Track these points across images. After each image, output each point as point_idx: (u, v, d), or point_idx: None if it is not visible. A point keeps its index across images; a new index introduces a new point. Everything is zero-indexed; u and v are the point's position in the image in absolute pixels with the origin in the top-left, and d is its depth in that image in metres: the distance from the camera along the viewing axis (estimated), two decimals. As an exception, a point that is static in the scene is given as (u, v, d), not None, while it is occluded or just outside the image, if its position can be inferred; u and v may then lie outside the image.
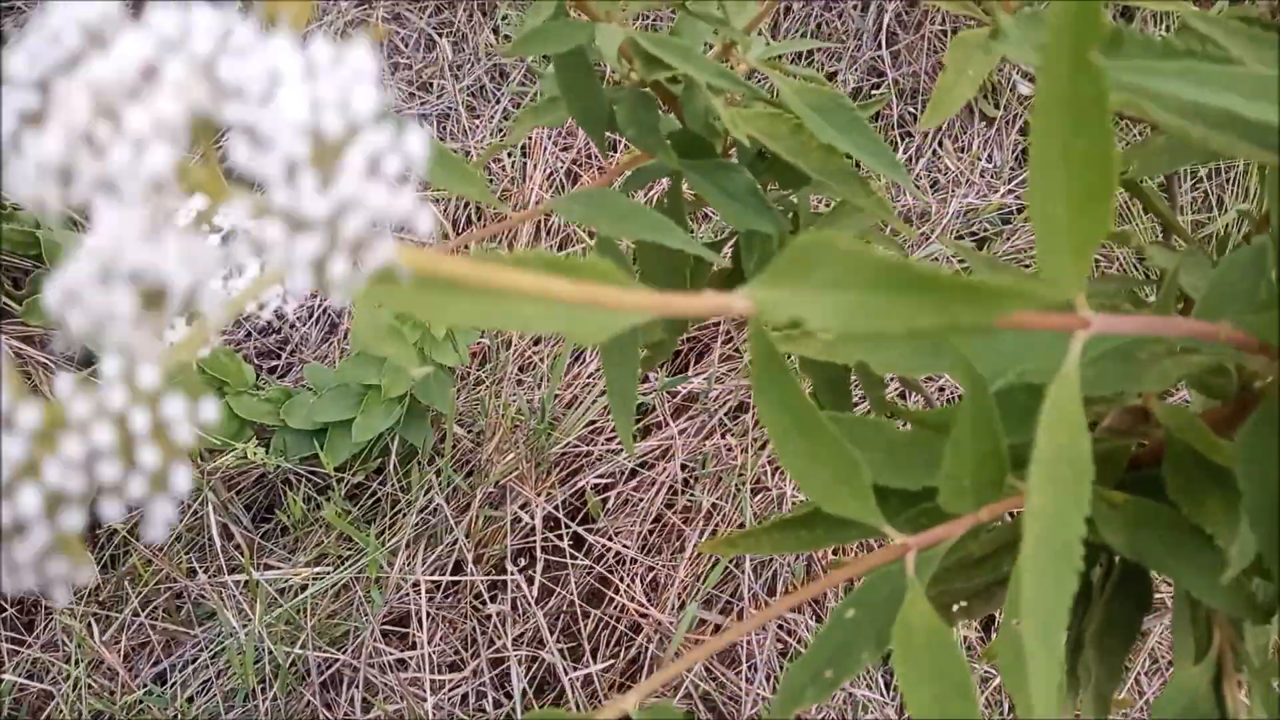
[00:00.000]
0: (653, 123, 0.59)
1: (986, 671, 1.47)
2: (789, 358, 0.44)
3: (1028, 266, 1.74)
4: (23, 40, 0.16)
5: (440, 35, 1.99)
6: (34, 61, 0.16)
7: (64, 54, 0.16)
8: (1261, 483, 0.32)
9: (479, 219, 1.84)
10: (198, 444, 1.54)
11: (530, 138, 1.86)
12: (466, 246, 1.76)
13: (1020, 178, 1.83)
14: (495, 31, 2.00)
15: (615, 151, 1.76)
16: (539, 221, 1.81)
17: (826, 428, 0.38)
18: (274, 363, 1.77)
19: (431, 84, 1.95)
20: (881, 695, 1.47)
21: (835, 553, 1.54)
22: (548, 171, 1.81)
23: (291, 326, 1.83)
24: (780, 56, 0.65)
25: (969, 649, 1.51)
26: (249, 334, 1.79)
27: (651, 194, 1.66)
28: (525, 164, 1.85)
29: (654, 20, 1.82)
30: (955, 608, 0.63)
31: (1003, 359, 0.36)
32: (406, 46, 2.00)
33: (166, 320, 0.16)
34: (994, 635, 1.26)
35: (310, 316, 1.83)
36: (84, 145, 0.15)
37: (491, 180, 1.86)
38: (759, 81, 0.62)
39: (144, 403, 0.16)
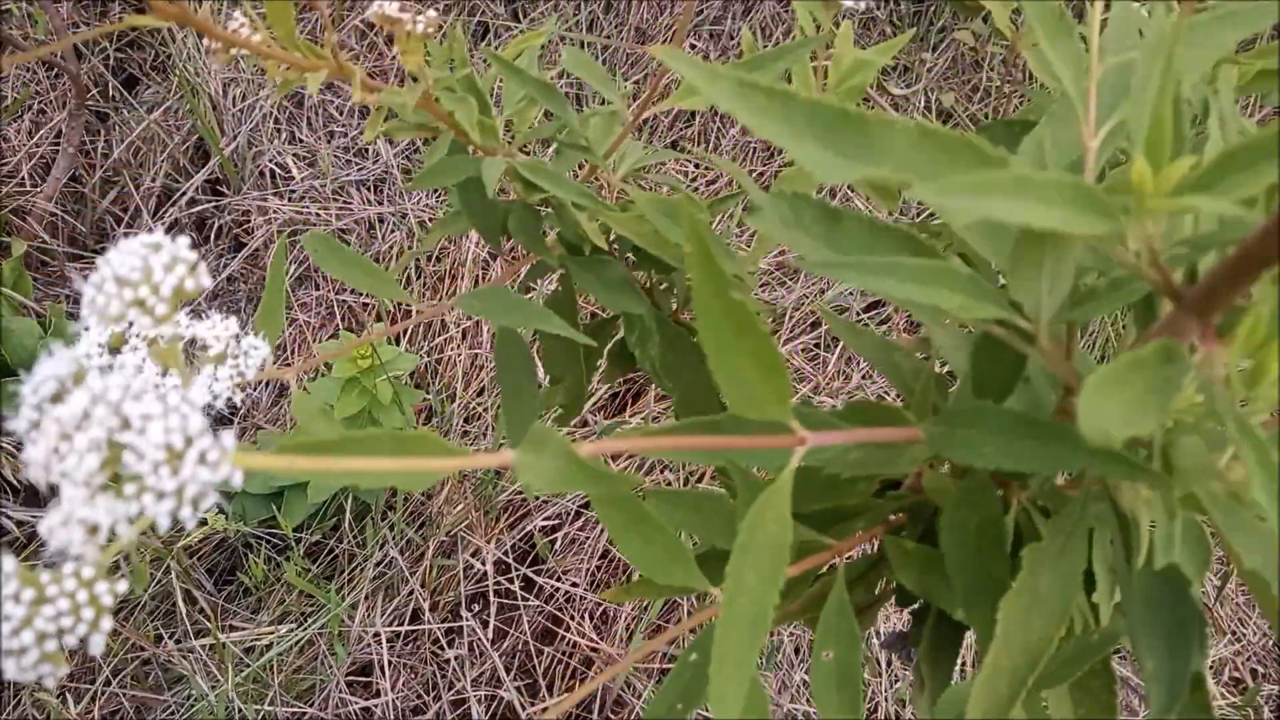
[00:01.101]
0: (536, 230, 0.69)
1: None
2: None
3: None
4: (29, 378, 0.27)
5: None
6: (35, 391, 0.28)
7: (50, 391, 0.27)
8: (959, 541, 0.42)
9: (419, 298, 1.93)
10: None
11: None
12: (397, 337, 1.85)
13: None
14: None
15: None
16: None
17: (654, 520, 0.47)
18: (226, 428, 1.84)
19: (367, 150, 2.04)
20: (821, 709, 1.57)
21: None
22: (477, 238, 1.90)
23: (240, 389, 1.91)
24: (647, 168, 0.75)
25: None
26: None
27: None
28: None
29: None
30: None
31: (779, 456, 0.45)
32: (341, 115, 2.09)
33: (100, 539, 0.26)
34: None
35: (260, 381, 1.91)
36: (54, 454, 0.25)
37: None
38: (642, 181, 0.72)
39: (85, 586, 0.26)
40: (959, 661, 0.64)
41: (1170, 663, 0.39)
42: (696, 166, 1.99)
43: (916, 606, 0.68)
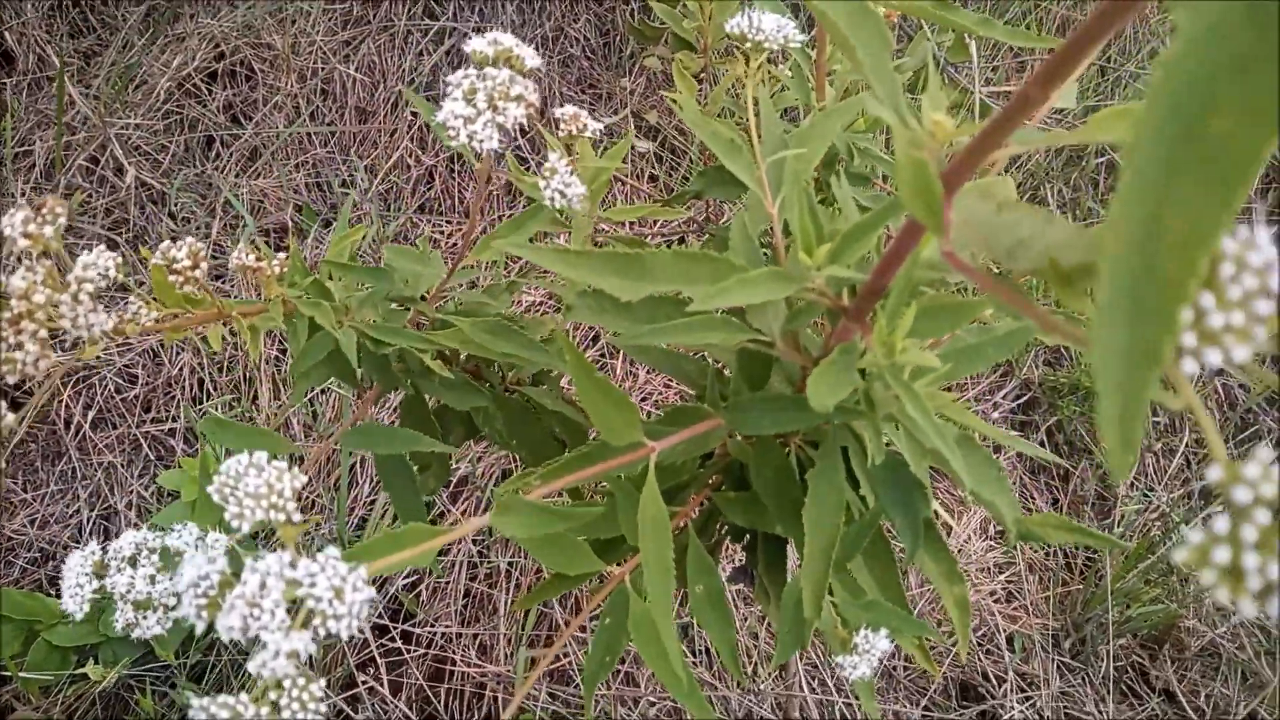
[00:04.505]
0: (386, 367, 0.85)
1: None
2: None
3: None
4: (184, 568, 0.43)
5: (119, 237, 2.12)
6: (197, 587, 0.42)
7: (213, 584, 0.42)
8: (764, 483, 0.63)
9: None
10: (28, 687, 1.63)
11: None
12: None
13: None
14: (172, 216, 2.15)
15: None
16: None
17: (563, 535, 0.66)
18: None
19: (128, 284, 2.07)
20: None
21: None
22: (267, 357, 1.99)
23: (65, 548, 1.92)
24: (467, 283, 0.93)
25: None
26: (24, 569, 1.87)
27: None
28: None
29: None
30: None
31: (640, 463, 0.65)
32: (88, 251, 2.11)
33: (299, 660, 0.42)
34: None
35: (82, 533, 1.93)
36: (250, 617, 0.41)
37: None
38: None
39: (305, 690, 0.43)
40: (788, 572, 0.86)
41: (908, 516, 0.62)
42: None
43: (746, 541, 0.90)
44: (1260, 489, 0.22)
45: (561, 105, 0.80)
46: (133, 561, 0.61)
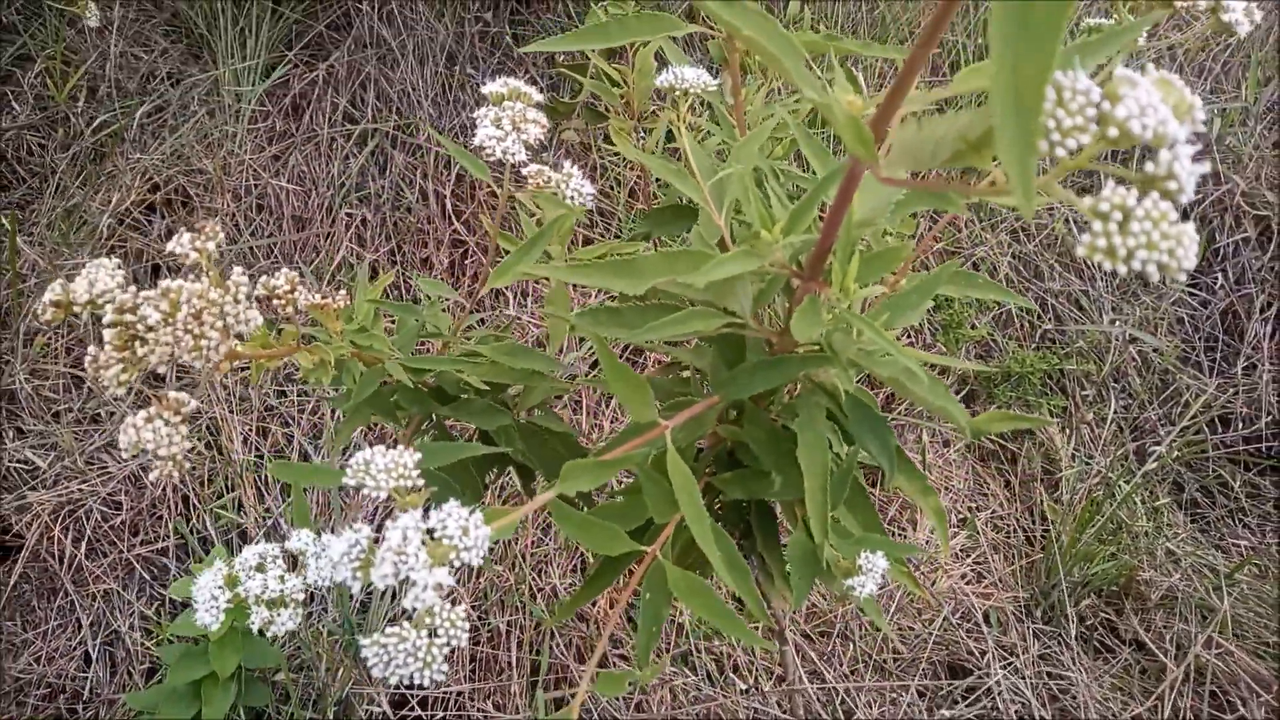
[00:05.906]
0: (421, 400, 0.96)
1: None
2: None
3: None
4: (330, 547, 0.53)
5: (84, 373, 2.18)
6: (349, 553, 0.53)
7: (363, 548, 0.53)
8: (760, 442, 0.76)
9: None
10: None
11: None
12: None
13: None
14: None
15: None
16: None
17: (592, 519, 0.77)
18: (78, 718, 1.89)
19: (99, 414, 2.14)
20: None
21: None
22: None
23: (72, 679, 1.95)
24: (476, 324, 1.04)
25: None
26: (36, 706, 1.90)
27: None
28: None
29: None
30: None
31: (658, 441, 0.76)
32: (58, 393, 2.17)
33: (443, 593, 0.53)
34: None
35: (90, 663, 1.96)
36: (399, 563, 0.52)
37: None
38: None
39: (452, 612, 0.54)
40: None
41: (881, 445, 0.74)
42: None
43: (743, 528, 1.01)
44: (1113, 200, 0.37)
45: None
46: (260, 568, 0.70)
